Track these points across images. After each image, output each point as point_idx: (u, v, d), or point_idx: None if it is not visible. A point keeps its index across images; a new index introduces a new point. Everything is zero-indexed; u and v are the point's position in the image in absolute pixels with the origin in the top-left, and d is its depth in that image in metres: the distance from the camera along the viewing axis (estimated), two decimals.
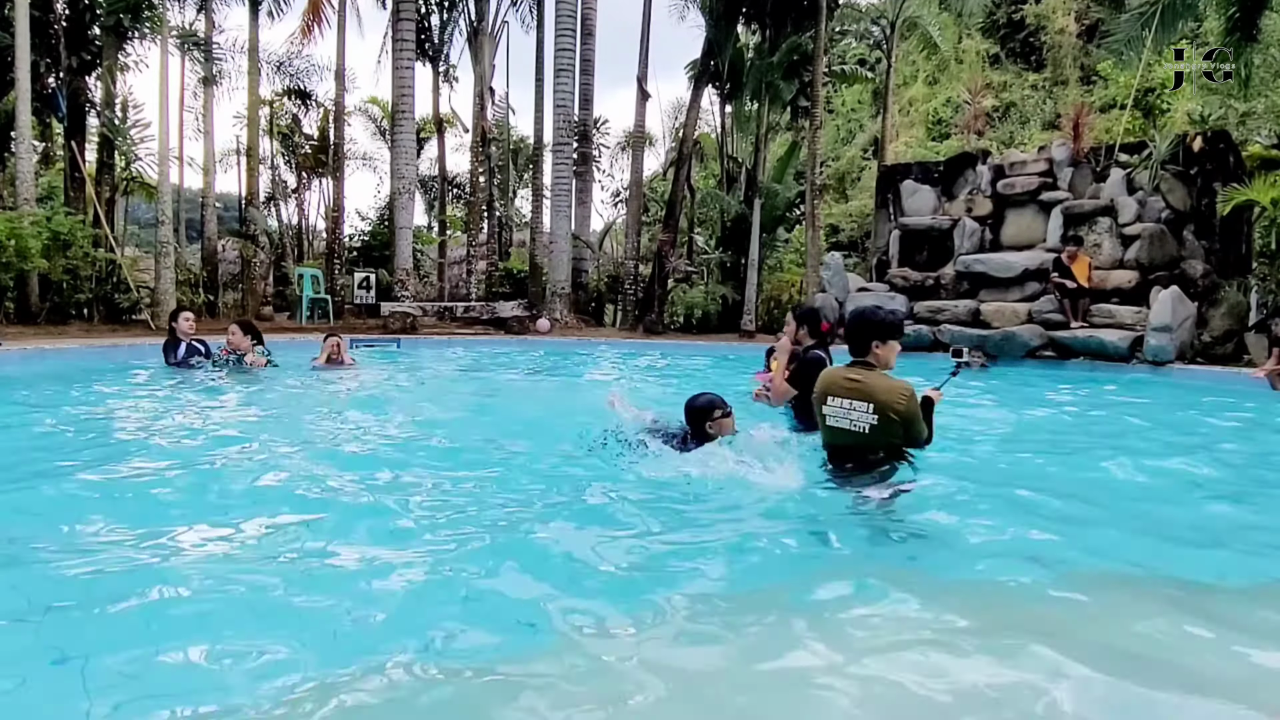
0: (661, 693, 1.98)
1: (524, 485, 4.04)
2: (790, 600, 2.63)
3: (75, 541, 3.07)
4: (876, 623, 2.40)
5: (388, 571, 2.78)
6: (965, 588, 2.80)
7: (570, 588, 2.66)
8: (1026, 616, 2.52)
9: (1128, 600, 2.72)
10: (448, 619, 2.40)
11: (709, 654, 2.22)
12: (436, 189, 26.30)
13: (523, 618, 2.41)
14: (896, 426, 3.69)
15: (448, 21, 22.59)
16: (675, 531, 3.27)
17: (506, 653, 2.21)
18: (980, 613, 2.49)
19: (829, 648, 2.20)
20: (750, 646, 2.26)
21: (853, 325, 3.85)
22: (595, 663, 2.13)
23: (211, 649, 2.18)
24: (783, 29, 19.33)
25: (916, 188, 15.18)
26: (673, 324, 19.52)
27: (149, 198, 18.26)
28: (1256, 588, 2.94)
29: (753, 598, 2.67)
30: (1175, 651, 2.28)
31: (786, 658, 2.19)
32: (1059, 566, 2.90)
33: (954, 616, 2.42)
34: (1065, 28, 24.55)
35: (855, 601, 2.56)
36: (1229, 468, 4.87)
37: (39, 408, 6.41)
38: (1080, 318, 12.15)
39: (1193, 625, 2.43)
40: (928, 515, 3.51)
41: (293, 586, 2.62)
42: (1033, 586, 2.75)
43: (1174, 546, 3.33)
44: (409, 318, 16.82)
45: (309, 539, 3.08)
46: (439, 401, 7.53)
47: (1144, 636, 2.37)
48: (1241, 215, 12.57)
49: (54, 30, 15.06)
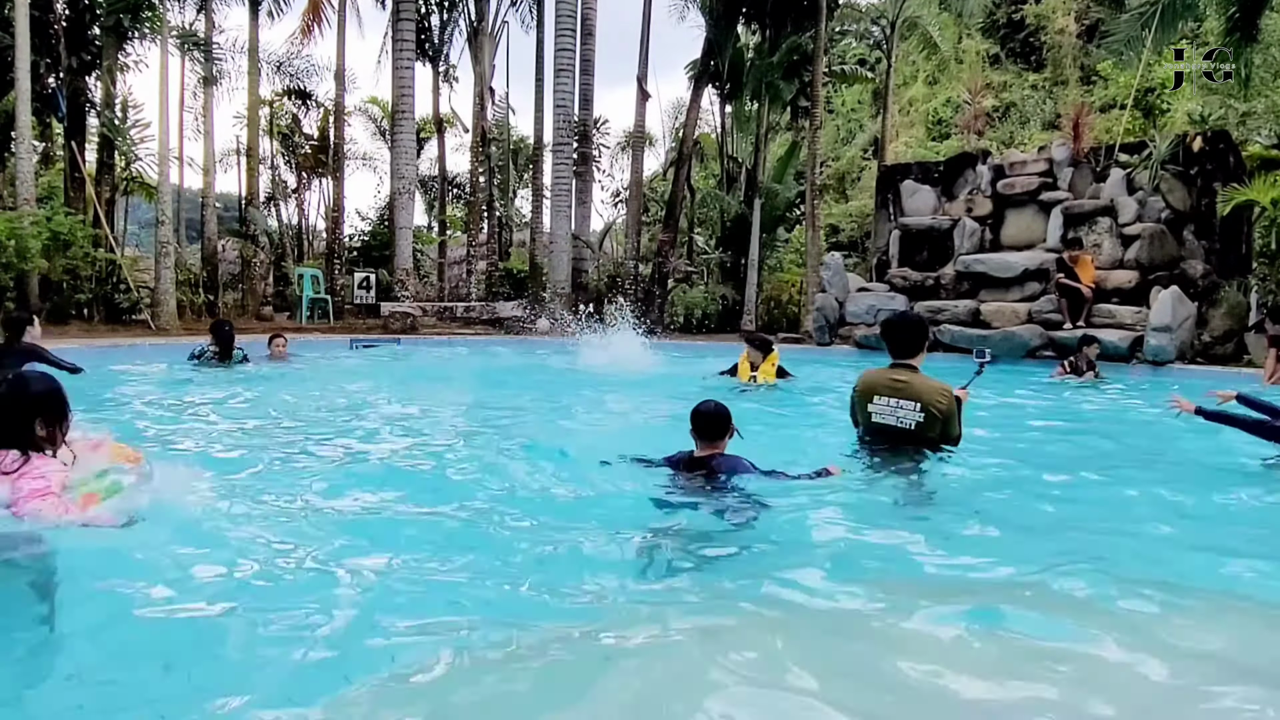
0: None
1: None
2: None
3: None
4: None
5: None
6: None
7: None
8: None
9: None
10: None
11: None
12: (436, 189, 26.30)
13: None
14: (938, 424, 4.06)
15: (448, 21, 22.59)
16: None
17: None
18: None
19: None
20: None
21: (902, 329, 4.20)
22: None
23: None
24: (783, 29, 19.33)
25: (916, 188, 15.18)
26: (673, 324, 19.52)
27: (149, 198, 18.26)
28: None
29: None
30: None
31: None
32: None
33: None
34: (1065, 28, 24.52)
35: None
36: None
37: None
38: (1084, 321, 12.14)
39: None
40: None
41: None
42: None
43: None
44: (409, 318, 16.82)
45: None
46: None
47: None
48: (1241, 215, 12.57)
49: (54, 30, 15.05)
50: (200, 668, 2.16)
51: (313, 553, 2.93)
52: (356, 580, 2.67)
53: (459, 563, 2.88)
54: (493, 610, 2.50)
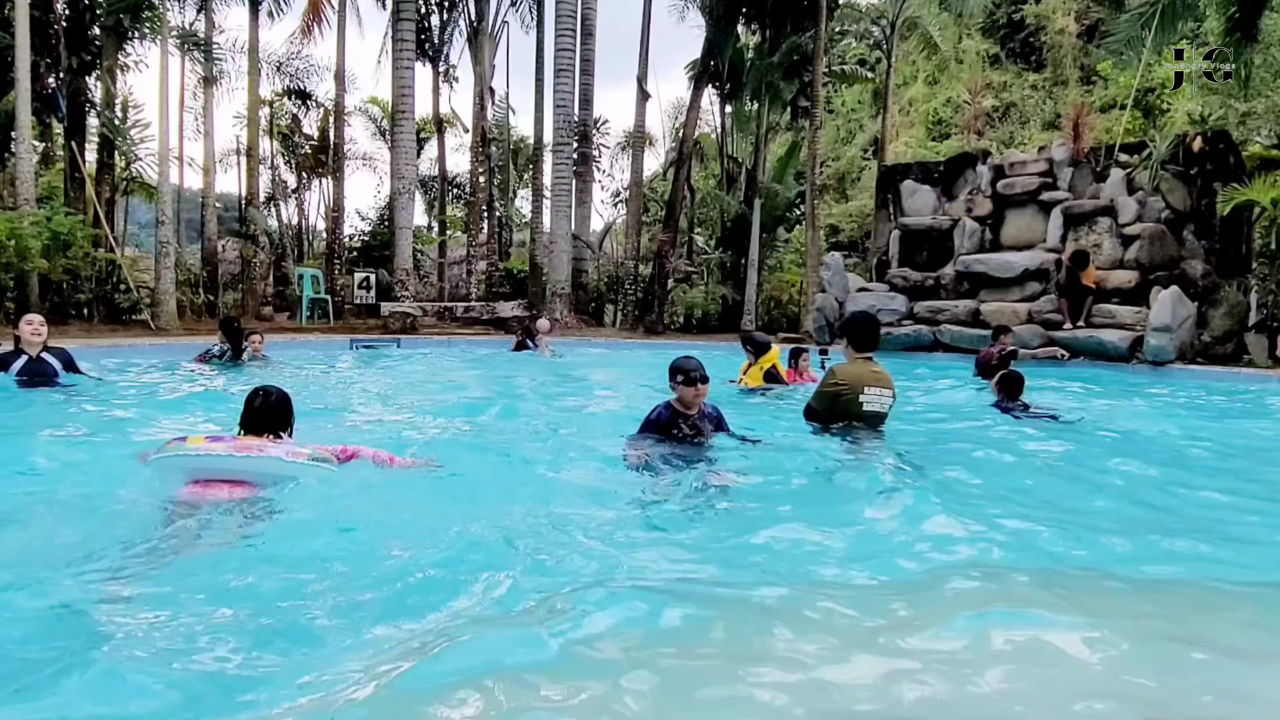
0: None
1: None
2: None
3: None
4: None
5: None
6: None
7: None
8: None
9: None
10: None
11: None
12: (436, 189, 26.29)
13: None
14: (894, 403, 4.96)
15: (448, 21, 22.60)
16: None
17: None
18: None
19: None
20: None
21: (872, 326, 4.96)
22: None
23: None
24: (783, 29, 19.33)
25: (916, 188, 15.18)
26: (673, 324, 19.52)
27: (149, 198, 18.26)
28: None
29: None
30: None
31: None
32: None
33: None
34: (1065, 28, 24.53)
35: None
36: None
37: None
38: (1084, 321, 12.15)
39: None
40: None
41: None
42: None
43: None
44: (409, 318, 16.82)
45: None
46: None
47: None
48: (1241, 215, 12.57)
49: (54, 30, 15.05)
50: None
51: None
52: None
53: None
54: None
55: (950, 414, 6.90)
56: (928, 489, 3.73)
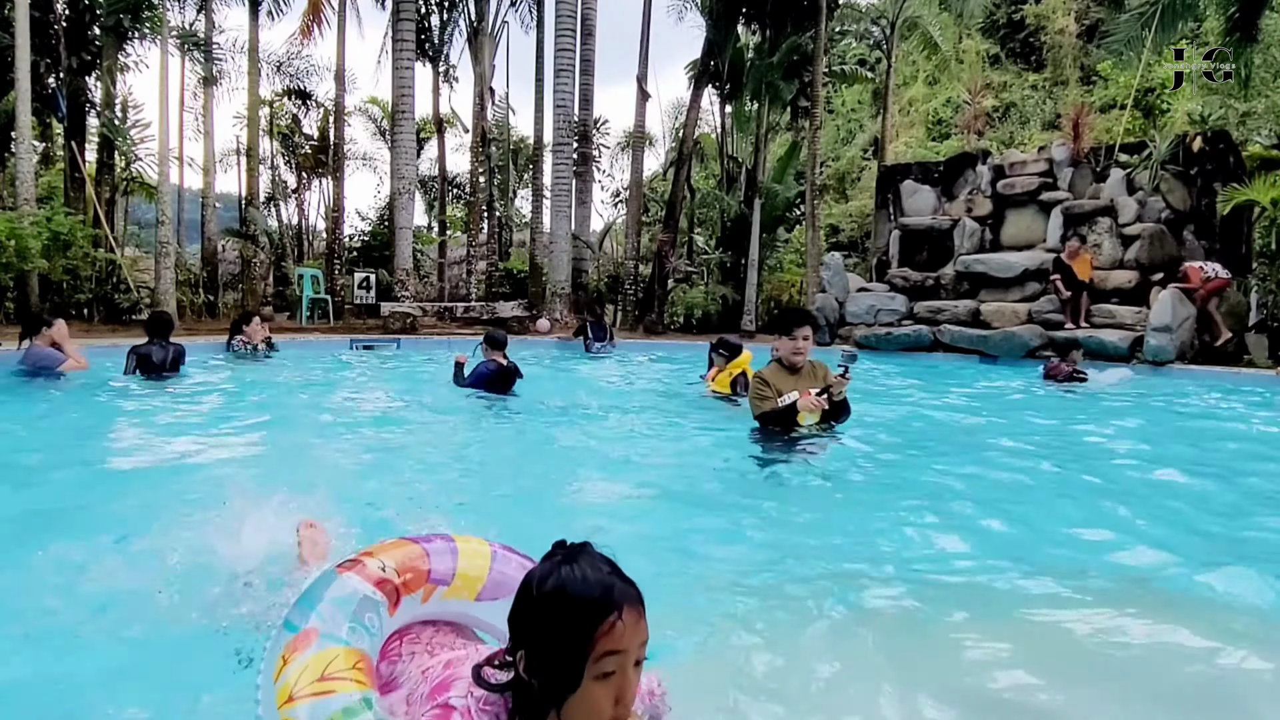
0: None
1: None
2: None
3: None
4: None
5: None
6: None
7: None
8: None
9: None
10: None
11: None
12: (436, 189, 26.27)
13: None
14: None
15: (448, 21, 22.57)
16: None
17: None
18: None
19: None
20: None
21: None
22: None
23: None
24: (783, 29, 19.31)
25: (916, 188, 15.18)
26: (673, 324, 19.51)
27: (149, 198, 18.25)
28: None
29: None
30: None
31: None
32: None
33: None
34: (1065, 28, 24.55)
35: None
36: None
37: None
38: (1083, 319, 12.14)
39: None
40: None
41: None
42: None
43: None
44: (409, 318, 16.80)
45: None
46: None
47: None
48: (1241, 215, 12.57)
49: (54, 30, 15.04)
50: None
51: None
52: None
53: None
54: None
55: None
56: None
